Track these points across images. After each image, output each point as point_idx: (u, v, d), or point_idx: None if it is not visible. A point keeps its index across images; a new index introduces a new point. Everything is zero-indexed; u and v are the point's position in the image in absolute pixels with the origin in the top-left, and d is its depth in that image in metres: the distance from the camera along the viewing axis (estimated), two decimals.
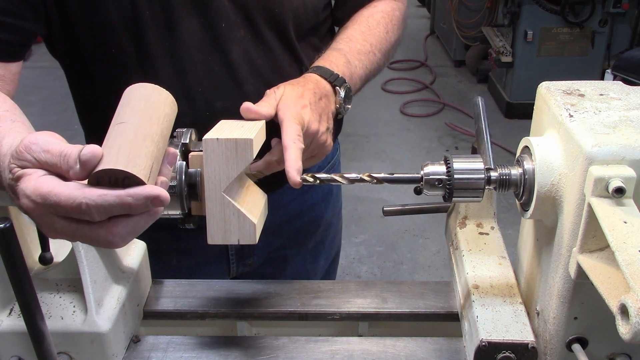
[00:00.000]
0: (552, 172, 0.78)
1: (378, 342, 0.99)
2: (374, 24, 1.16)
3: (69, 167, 0.67)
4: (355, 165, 4.31)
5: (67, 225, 0.67)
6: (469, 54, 5.71)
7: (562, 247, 0.78)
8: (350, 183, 0.87)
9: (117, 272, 0.99)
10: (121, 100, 0.79)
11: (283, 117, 0.93)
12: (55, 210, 0.66)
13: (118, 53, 1.05)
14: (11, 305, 0.94)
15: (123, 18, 1.02)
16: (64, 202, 0.64)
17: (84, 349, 0.92)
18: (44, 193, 0.65)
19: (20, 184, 0.68)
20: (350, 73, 1.08)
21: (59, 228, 0.67)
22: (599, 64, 4.70)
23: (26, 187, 0.67)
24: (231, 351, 0.98)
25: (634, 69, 3.41)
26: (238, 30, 1.08)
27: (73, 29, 1.05)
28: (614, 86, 0.86)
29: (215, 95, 1.10)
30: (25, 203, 0.67)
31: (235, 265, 1.36)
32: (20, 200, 0.68)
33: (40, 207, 0.66)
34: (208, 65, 1.08)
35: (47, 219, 0.67)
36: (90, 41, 1.06)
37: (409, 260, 3.43)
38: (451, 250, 1.09)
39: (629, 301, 0.57)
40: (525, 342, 0.85)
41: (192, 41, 1.06)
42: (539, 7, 4.50)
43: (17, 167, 0.68)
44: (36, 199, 0.66)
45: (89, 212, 0.64)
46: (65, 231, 0.67)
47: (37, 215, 0.68)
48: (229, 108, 1.05)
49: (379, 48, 1.16)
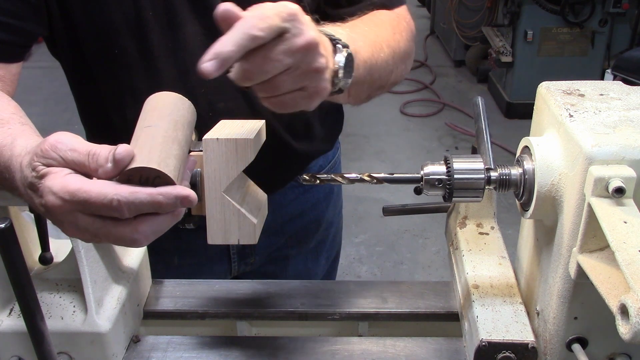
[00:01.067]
0: (552, 172, 0.78)
1: (378, 342, 0.99)
2: (378, 22, 1.06)
3: (98, 165, 0.68)
4: (355, 165, 4.31)
5: (92, 222, 0.67)
6: (469, 54, 5.71)
7: (562, 247, 0.78)
8: (350, 183, 0.87)
9: (117, 272, 0.99)
10: (146, 106, 0.81)
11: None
12: (82, 207, 0.67)
13: (121, 54, 1.05)
14: (11, 305, 0.94)
15: (126, 19, 1.02)
16: (94, 198, 0.65)
17: (84, 349, 0.92)
18: (72, 190, 0.66)
19: (46, 182, 0.68)
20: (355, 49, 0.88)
21: (82, 225, 0.68)
22: (599, 64, 4.70)
23: (53, 185, 0.67)
24: (231, 351, 0.98)
25: (634, 69, 3.41)
26: None
27: (76, 30, 1.05)
28: (614, 86, 0.86)
29: (217, 96, 1.10)
30: (51, 200, 0.67)
31: (236, 264, 1.36)
32: (45, 197, 0.68)
33: (67, 204, 0.67)
34: None
35: (71, 217, 0.68)
36: (93, 42, 1.06)
37: (409, 260, 3.43)
38: (451, 250, 1.09)
39: (629, 301, 0.57)
40: (525, 342, 0.85)
41: (195, 42, 1.06)
42: (539, 7, 4.50)
43: (42, 165, 0.69)
44: (64, 195, 0.67)
45: (120, 208, 0.65)
46: (88, 228, 0.68)
47: (61, 213, 0.68)
48: (231, 109, 1.08)
49: (387, 43, 1.02)
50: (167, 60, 1.07)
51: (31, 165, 0.70)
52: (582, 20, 4.52)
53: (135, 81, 1.07)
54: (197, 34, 1.06)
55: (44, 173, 0.69)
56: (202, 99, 1.08)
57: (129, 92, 1.09)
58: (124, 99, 1.10)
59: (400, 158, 4.44)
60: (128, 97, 1.09)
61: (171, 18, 1.04)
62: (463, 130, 4.72)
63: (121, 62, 1.06)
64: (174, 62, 1.07)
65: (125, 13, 1.02)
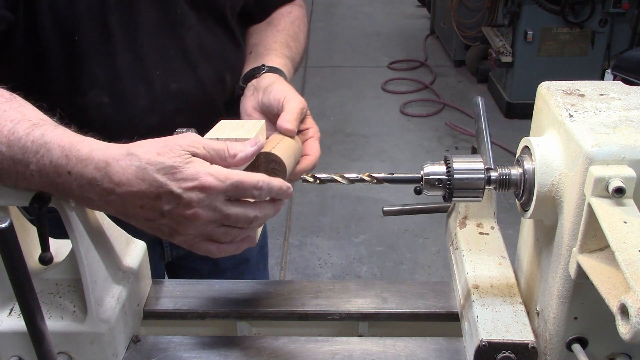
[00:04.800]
0: (552, 172, 0.78)
1: (378, 342, 0.99)
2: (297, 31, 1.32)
3: (238, 150, 0.82)
4: (355, 165, 4.31)
5: (232, 206, 0.79)
6: (469, 54, 5.71)
7: (562, 247, 0.78)
8: (350, 183, 0.87)
9: (117, 272, 0.99)
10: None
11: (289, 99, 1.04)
12: (234, 189, 0.78)
13: (81, 39, 1.07)
14: (11, 305, 0.94)
15: (89, 5, 1.05)
16: (246, 179, 0.78)
17: (84, 349, 0.92)
18: (226, 172, 0.78)
19: (195, 166, 0.77)
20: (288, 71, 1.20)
21: (221, 208, 0.78)
22: (599, 64, 4.70)
23: (206, 168, 0.77)
24: (231, 351, 0.98)
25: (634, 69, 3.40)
26: (189, 18, 1.15)
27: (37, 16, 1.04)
28: (614, 86, 0.86)
29: (170, 78, 1.15)
30: (209, 180, 0.76)
31: (169, 249, 1.39)
32: (201, 178, 0.76)
33: (222, 184, 0.77)
34: (164, 50, 1.14)
35: (214, 200, 0.77)
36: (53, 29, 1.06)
37: (409, 260, 3.43)
38: (451, 250, 1.09)
39: (629, 301, 0.57)
40: (525, 342, 0.85)
41: (151, 27, 1.11)
42: (539, 7, 4.49)
43: (188, 153, 0.77)
44: (219, 176, 0.77)
45: (262, 188, 0.80)
46: (228, 212, 0.79)
47: (212, 194, 0.77)
48: (183, 90, 1.16)
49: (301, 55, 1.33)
50: (125, 44, 1.09)
51: (174, 152, 0.77)
52: (582, 20, 4.52)
53: (92, 67, 1.10)
54: (152, 19, 1.11)
55: (193, 159, 0.77)
56: (157, 81, 1.14)
57: (85, 78, 1.10)
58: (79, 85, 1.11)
59: (400, 158, 4.44)
60: (84, 82, 1.10)
61: (131, 4, 1.08)
62: (463, 130, 4.72)
63: (81, 48, 1.08)
64: (132, 46, 1.10)
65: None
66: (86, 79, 1.10)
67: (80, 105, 1.11)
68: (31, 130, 0.78)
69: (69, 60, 1.08)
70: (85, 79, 1.09)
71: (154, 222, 0.79)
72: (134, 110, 1.13)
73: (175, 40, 1.14)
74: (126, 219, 0.82)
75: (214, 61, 1.20)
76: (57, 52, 1.07)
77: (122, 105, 1.12)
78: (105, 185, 0.76)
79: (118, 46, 1.09)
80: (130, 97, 1.12)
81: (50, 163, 0.77)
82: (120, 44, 1.09)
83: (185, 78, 1.16)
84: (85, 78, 1.09)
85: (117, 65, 1.10)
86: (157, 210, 0.77)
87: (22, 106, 0.84)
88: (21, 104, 0.84)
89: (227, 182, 0.77)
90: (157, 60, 1.13)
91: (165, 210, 0.77)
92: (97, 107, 1.11)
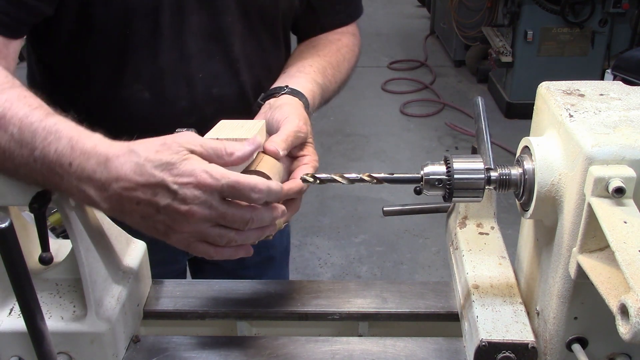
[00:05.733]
0: (552, 172, 0.78)
1: (378, 342, 0.99)
2: (341, 59, 1.27)
3: (235, 149, 0.81)
4: (355, 165, 4.31)
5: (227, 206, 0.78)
6: (469, 54, 5.71)
7: (562, 247, 0.78)
8: (350, 183, 0.87)
9: (117, 272, 0.99)
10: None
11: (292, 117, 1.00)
12: (230, 189, 0.77)
13: (132, 35, 1.08)
14: (11, 305, 0.94)
15: (144, 3, 1.06)
16: (243, 180, 0.77)
17: (84, 349, 0.92)
18: (223, 171, 0.77)
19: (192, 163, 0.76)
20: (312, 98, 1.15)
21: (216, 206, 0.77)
22: (599, 64, 4.70)
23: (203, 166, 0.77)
24: (231, 351, 0.98)
25: (634, 69, 3.40)
26: (238, 26, 1.15)
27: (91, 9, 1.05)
28: (614, 86, 0.86)
29: (213, 82, 1.16)
30: (204, 177, 0.76)
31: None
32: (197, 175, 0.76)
33: (218, 183, 0.76)
34: (210, 53, 1.14)
35: (209, 197, 0.77)
36: (107, 22, 1.07)
37: (409, 260, 3.43)
38: (451, 250, 1.09)
39: (629, 301, 0.57)
40: (525, 342, 0.85)
41: (199, 30, 1.12)
42: (539, 7, 4.49)
43: (186, 150, 0.77)
44: (216, 174, 0.76)
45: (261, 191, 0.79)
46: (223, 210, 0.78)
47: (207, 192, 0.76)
48: (224, 95, 1.17)
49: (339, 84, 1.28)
50: (173, 43, 1.11)
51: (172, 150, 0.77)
52: (582, 20, 4.52)
53: (138, 62, 1.11)
54: (202, 23, 1.11)
55: (190, 156, 0.77)
56: (200, 83, 1.15)
57: (129, 72, 1.12)
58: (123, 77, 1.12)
59: (400, 158, 4.44)
60: (128, 76, 1.12)
61: (183, 4, 1.08)
62: (463, 130, 4.72)
63: (130, 42, 1.09)
64: (179, 46, 1.11)
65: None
66: (130, 73, 1.11)
67: (122, 97, 1.13)
68: (45, 117, 0.80)
69: (117, 52, 1.10)
70: (129, 72, 1.11)
71: (150, 219, 0.79)
72: (173, 109, 1.14)
73: (222, 46, 1.15)
74: (122, 218, 0.81)
75: (257, 69, 1.21)
76: (106, 43, 1.09)
77: (162, 103, 1.14)
78: (103, 179, 0.77)
79: (164, 44, 1.10)
80: (171, 97, 1.14)
81: (55, 151, 0.77)
82: (166, 43, 1.10)
83: (227, 83, 1.17)
84: (129, 72, 1.11)
85: (161, 63, 1.11)
86: (153, 206, 0.77)
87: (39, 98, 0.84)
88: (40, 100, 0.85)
89: (222, 181, 0.77)
90: (201, 63, 1.14)
91: (161, 206, 0.77)
92: (138, 102, 1.13)
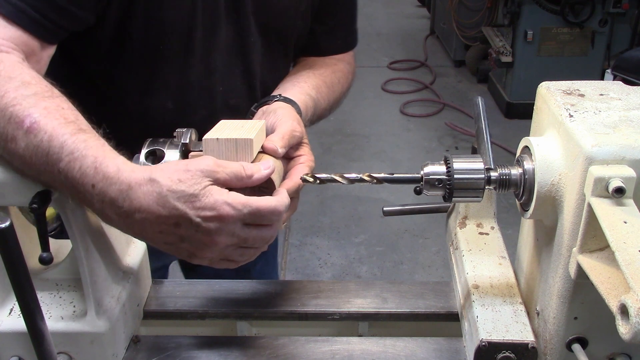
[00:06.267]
0: (552, 172, 0.78)
1: (378, 342, 0.99)
2: (335, 81, 1.32)
3: (254, 171, 0.83)
4: (355, 165, 4.30)
5: (249, 231, 0.81)
6: (469, 54, 5.70)
7: (562, 247, 0.78)
8: (350, 183, 0.87)
9: (117, 272, 0.99)
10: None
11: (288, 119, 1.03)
12: (251, 216, 0.79)
13: (166, 49, 1.11)
14: (11, 305, 0.94)
15: (180, 17, 1.08)
16: (262, 205, 0.80)
17: (84, 349, 0.92)
18: (244, 200, 0.79)
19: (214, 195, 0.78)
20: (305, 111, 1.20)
21: (239, 234, 0.80)
22: (599, 64, 4.69)
23: (224, 197, 0.78)
24: (231, 351, 0.98)
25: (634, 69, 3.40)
26: (258, 43, 1.21)
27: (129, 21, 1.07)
28: (614, 86, 0.86)
29: (231, 94, 1.22)
30: (226, 210, 0.77)
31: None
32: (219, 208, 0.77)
33: (239, 213, 0.78)
34: (231, 68, 1.19)
35: (232, 227, 0.79)
36: (143, 35, 1.09)
37: (409, 260, 3.43)
38: (451, 250, 1.09)
39: (629, 301, 0.57)
40: (525, 342, 0.85)
41: (225, 46, 1.17)
42: (539, 7, 4.49)
43: (209, 180, 0.78)
44: (237, 205, 0.78)
45: (281, 214, 0.82)
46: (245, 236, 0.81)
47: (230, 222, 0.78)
48: (239, 105, 1.21)
49: (331, 105, 1.33)
50: (202, 59, 1.15)
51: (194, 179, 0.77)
52: (582, 20, 4.52)
53: (167, 73, 1.15)
54: (229, 37, 1.16)
55: (212, 188, 0.78)
56: (219, 96, 1.21)
57: (158, 82, 1.15)
58: (150, 87, 1.16)
59: (400, 158, 4.44)
60: (155, 86, 1.16)
61: (214, 20, 1.12)
62: (463, 130, 4.72)
63: (163, 55, 1.12)
64: (207, 60, 1.15)
65: (182, 10, 1.08)
66: (158, 84, 1.15)
67: (146, 105, 1.16)
68: (77, 132, 0.80)
69: (149, 63, 1.13)
70: (158, 84, 1.15)
71: (173, 245, 0.81)
72: (193, 118, 1.17)
73: (242, 61, 1.21)
74: (144, 241, 0.84)
75: (269, 83, 1.26)
76: (140, 54, 1.12)
77: (183, 112, 1.18)
78: (125, 208, 0.77)
79: (195, 59, 1.15)
80: (192, 107, 1.19)
81: (80, 169, 0.78)
82: (197, 57, 1.14)
83: (243, 95, 1.23)
84: (158, 83, 1.15)
85: (189, 77, 1.16)
86: (177, 235, 0.79)
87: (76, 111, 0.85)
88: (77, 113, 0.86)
89: (244, 211, 0.79)
90: (223, 76, 1.19)
91: (185, 236, 0.79)
92: (161, 111, 1.17)
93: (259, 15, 1.18)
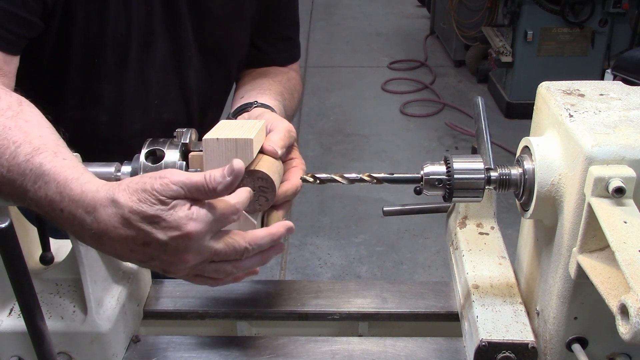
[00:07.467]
0: (552, 172, 0.78)
1: (378, 342, 0.99)
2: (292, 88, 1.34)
3: (217, 183, 0.76)
4: (355, 165, 4.30)
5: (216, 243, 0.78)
6: (469, 54, 5.70)
7: (562, 247, 0.78)
8: (350, 183, 0.87)
9: (117, 272, 0.99)
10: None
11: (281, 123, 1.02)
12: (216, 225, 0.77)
13: (100, 64, 1.13)
14: (11, 305, 0.94)
15: (115, 34, 1.10)
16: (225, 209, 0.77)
17: (84, 349, 0.92)
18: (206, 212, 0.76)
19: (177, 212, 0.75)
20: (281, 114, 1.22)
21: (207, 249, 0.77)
22: (599, 64, 4.69)
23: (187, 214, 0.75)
24: (231, 351, 0.98)
25: (634, 69, 3.40)
26: (195, 59, 1.22)
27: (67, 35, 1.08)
28: (614, 86, 0.86)
29: (166, 108, 1.24)
30: (193, 226, 0.74)
31: None
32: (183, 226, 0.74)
33: (207, 225, 0.75)
34: (166, 83, 1.21)
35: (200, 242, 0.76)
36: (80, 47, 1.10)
37: (409, 260, 3.42)
38: (451, 250, 1.09)
39: (629, 301, 0.57)
40: (525, 342, 0.85)
41: (161, 62, 1.19)
42: (539, 7, 4.49)
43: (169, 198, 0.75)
44: (202, 218, 0.75)
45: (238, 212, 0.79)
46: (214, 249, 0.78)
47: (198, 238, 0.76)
48: (173, 120, 1.22)
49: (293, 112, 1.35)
50: (136, 73, 1.16)
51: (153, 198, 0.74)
52: (582, 20, 4.52)
53: (101, 88, 1.16)
54: (164, 52, 1.17)
55: (173, 205, 0.75)
56: (153, 109, 1.23)
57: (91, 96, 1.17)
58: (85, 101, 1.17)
59: (400, 158, 4.44)
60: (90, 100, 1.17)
61: (149, 35, 1.14)
62: (463, 130, 4.72)
63: (98, 71, 1.14)
64: (141, 76, 1.17)
65: (118, 29, 1.09)
66: (92, 98, 1.17)
67: (79, 119, 1.17)
68: (31, 157, 0.78)
69: (84, 78, 1.14)
70: (92, 97, 1.16)
71: (146, 263, 0.80)
72: (127, 132, 1.20)
73: (178, 77, 1.22)
74: (120, 259, 0.85)
75: (205, 99, 1.30)
76: (77, 68, 1.13)
77: (117, 125, 1.20)
78: (94, 229, 0.76)
79: (129, 74, 1.15)
80: (126, 121, 1.20)
81: (46, 197, 0.77)
82: (131, 73, 1.15)
83: (177, 110, 1.25)
84: (91, 96, 1.16)
85: (124, 91, 1.17)
86: (146, 254, 0.77)
87: (27, 122, 0.84)
88: (27, 119, 0.84)
89: (209, 221, 0.76)
90: (158, 91, 1.21)
91: (154, 255, 0.77)
92: (94, 125, 1.18)
93: (197, 27, 1.19)
